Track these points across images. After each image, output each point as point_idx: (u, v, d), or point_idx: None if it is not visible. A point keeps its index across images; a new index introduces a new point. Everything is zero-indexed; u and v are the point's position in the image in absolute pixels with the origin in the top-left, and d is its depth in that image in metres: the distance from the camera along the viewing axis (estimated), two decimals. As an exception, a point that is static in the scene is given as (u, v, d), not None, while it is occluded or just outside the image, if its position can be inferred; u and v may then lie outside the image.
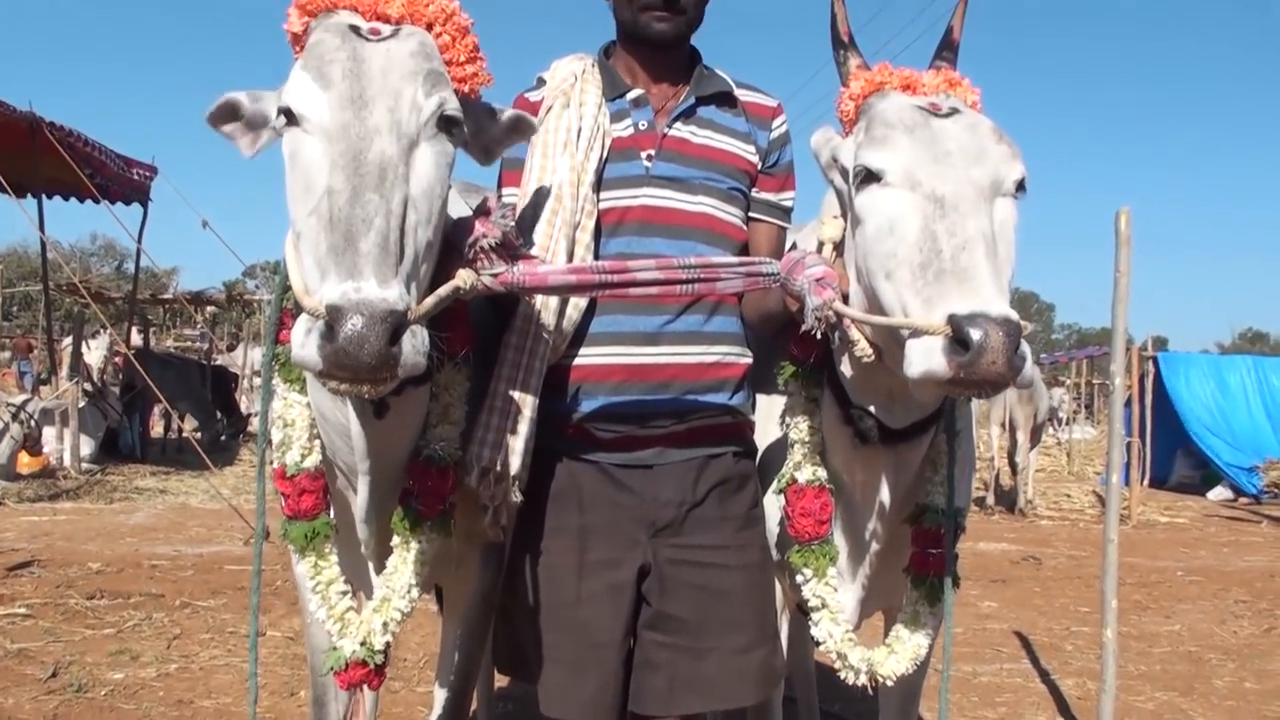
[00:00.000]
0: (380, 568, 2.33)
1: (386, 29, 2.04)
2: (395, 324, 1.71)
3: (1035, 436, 14.62)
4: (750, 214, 2.72)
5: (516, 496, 2.42)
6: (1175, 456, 18.29)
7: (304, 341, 1.74)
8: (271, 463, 2.31)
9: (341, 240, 1.78)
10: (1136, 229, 4.37)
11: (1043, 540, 11.84)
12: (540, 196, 2.50)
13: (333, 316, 1.70)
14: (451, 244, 2.12)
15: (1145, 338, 18.69)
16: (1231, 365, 18.91)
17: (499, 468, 2.37)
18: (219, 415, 18.34)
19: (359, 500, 2.28)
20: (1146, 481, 17.12)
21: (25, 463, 13.02)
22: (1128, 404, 14.65)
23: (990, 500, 14.54)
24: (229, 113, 2.13)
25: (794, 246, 2.60)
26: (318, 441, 2.30)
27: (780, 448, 2.62)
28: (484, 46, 2.17)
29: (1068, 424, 25.29)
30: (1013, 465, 14.56)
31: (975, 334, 1.81)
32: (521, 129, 2.28)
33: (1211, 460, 17.30)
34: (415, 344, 1.77)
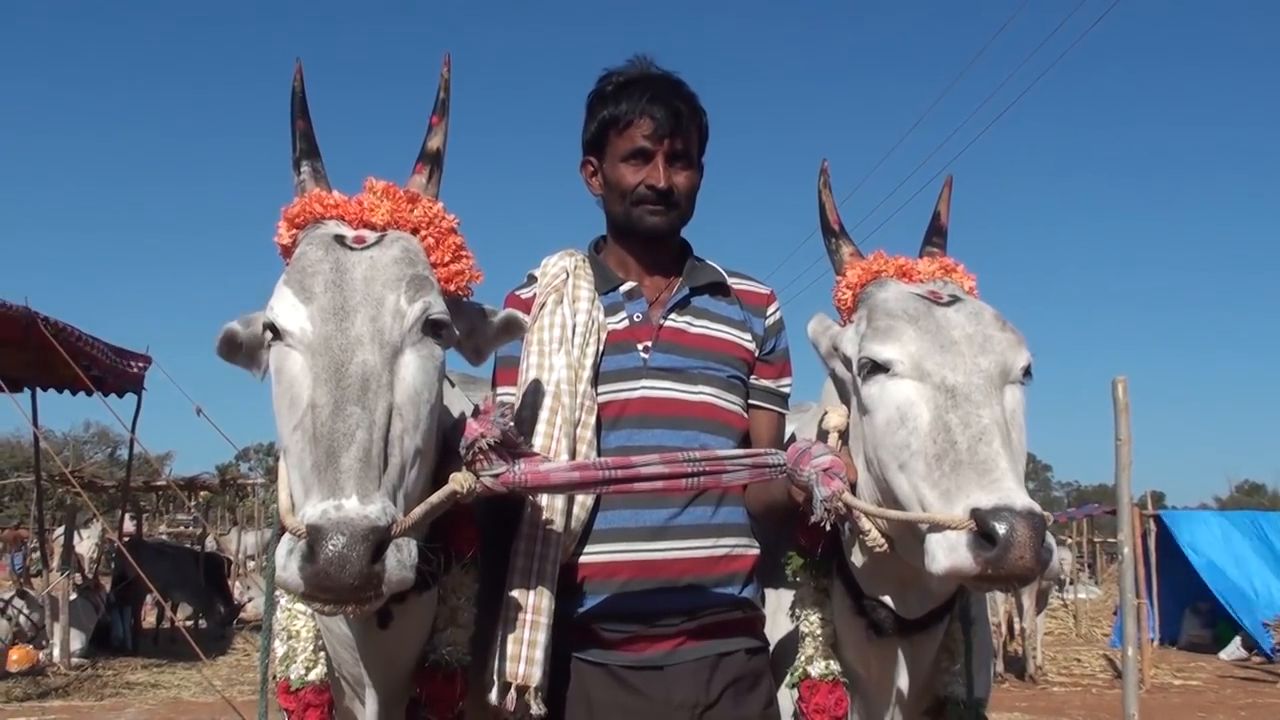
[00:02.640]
0: None
1: (371, 236, 2.03)
2: (377, 541, 1.67)
3: (1041, 600, 14.36)
4: (750, 401, 2.70)
5: (540, 709, 2.30)
6: (1184, 615, 17.99)
7: (285, 563, 1.71)
8: (274, 676, 2.23)
9: (324, 456, 1.75)
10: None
11: (1056, 709, 11.53)
12: (538, 396, 2.47)
13: (313, 537, 1.66)
14: (451, 445, 2.08)
15: (1144, 493, 18.60)
16: (1235, 522, 18.76)
17: (520, 681, 2.27)
18: (219, 604, 18.02)
19: (368, 714, 2.20)
20: (1156, 641, 16.80)
21: (14, 659, 12.75)
22: (1132, 563, 14.42)
23: (999, 667, 14.22)
24: (233, 343, 2.09)
25: (794, 437, 2.57)
26: (323, 653, 2.23)
27: (791, 641, 2.55)
28: (472, 244, 2.15)
29: (1072, 584, 24.95)
30: (1011, 630, 14.27)
31: (1001, 529, 1.78)
32: (511, 329, 2.26)
33: (1235, 617, 16.96)
34: (401, 558, 1.72)
